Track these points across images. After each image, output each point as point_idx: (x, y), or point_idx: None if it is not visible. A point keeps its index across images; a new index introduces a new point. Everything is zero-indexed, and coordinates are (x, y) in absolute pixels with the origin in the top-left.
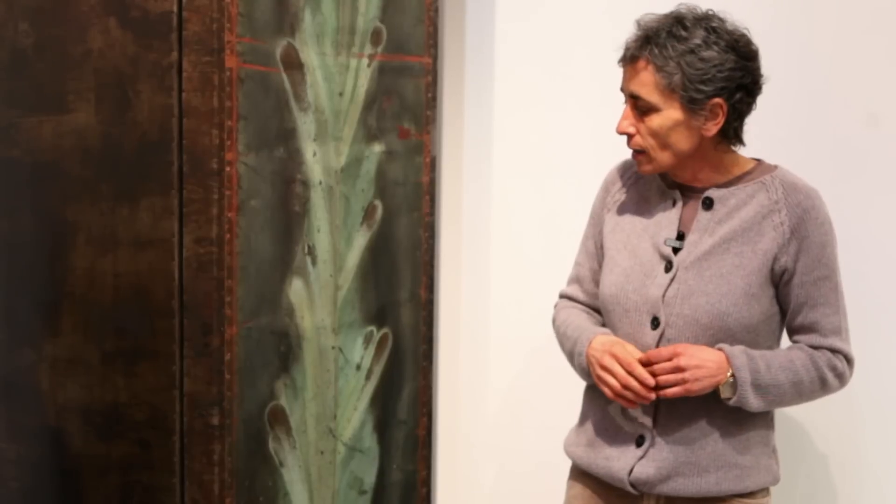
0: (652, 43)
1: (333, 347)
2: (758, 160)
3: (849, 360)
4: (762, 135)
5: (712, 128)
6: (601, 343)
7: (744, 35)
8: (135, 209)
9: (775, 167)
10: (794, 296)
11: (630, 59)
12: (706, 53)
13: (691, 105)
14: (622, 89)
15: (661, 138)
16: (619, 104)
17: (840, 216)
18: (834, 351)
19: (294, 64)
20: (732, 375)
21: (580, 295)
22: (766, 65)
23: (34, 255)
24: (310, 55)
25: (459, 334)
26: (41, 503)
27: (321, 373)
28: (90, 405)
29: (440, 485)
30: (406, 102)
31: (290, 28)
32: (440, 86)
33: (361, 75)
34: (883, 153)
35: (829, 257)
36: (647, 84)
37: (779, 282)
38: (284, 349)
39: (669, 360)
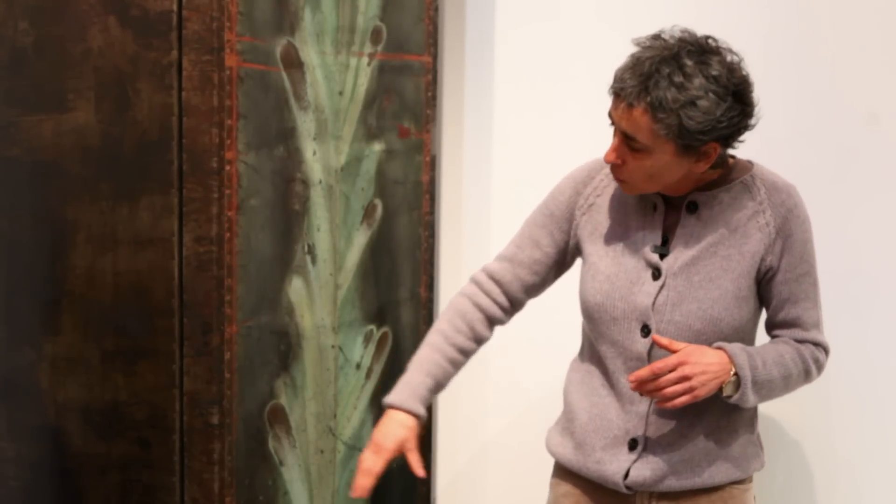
0: (650, 91)
1: (333, 346)
2: (732, 157)
3: (827, 352)
4: (763, 135)
5: (703, 166)
6: (388, 420)
7: (742, 76)
8: (135, 208)
9: (751, 165)
10: (776, 292)
11: (627, 105)
12: (705, 104)
13: (685, 150)
14: (611, 116)
15: (648, 173)
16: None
17: (840, 215)
18: (816, 344)
19: (294, 63)
20: (735, 374)
21: (506, 276)
22: (767, 65)
23: (34, 254)
24: (310, 54)
25: None
26: (41, 502)
27: (321, 372)
28: (90, 404)
29: (440, 484)
30: (406, 101)
31: (289, 27)
32: (440, 85)
33: (361, 74)
34: (883, 153)
35: (810, 253)
36: (643, 130)
37: (762, 279)
38: (284, 348)
39: (673, 370)
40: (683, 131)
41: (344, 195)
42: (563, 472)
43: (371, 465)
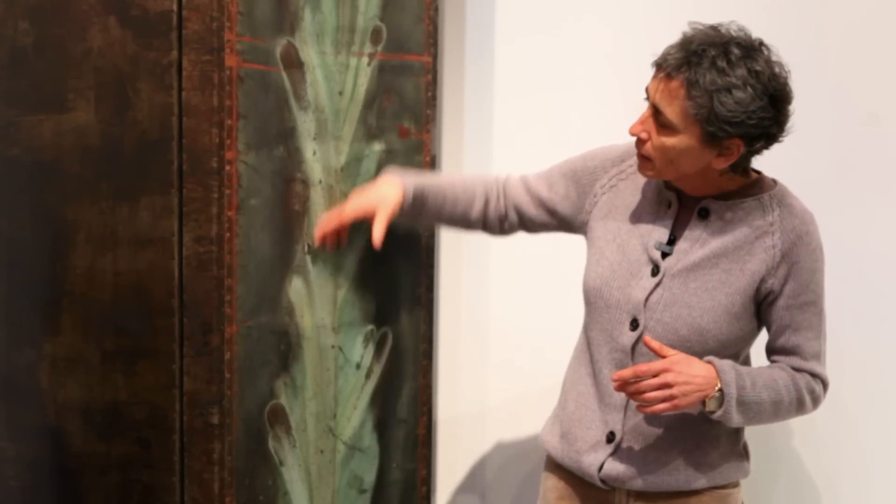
0: (692, 67)
1: (333, 346)
2: (758, 172)
3: (825, 385)
4: None
5: (722, 162)
6: (375, 184)
7: (785, 82)
8: (135, 208)
9: (775, 184)
10: (777, 318)
11: (666, 75)
12: (741, 95)
13: (710, 138)
14: (647, 90)
15: (668, 156)
16: (618, 104)
17: (839, 215)
18: (814, 375)
19: (294, 63)
20: (720, 390)
21: (514, 190)
22: None
23: (34, 254)
24: (310, 54)
25: (459, 333)
26: (41, 502)
27: (321, 372)
28: (90, 404)
29: (440, 484)
30: (406, 101)
31: (289, 27)
32: (440, 85)
33: (361, 74)
34: (883, 153)
35: (818, 283)
36: (675, 106)
37: (762, 301)
38: (284, 348)
39: (657, 375)
40: (712, 116)
41: (344, 195)
42: (552, 464)
43: (341, 211)
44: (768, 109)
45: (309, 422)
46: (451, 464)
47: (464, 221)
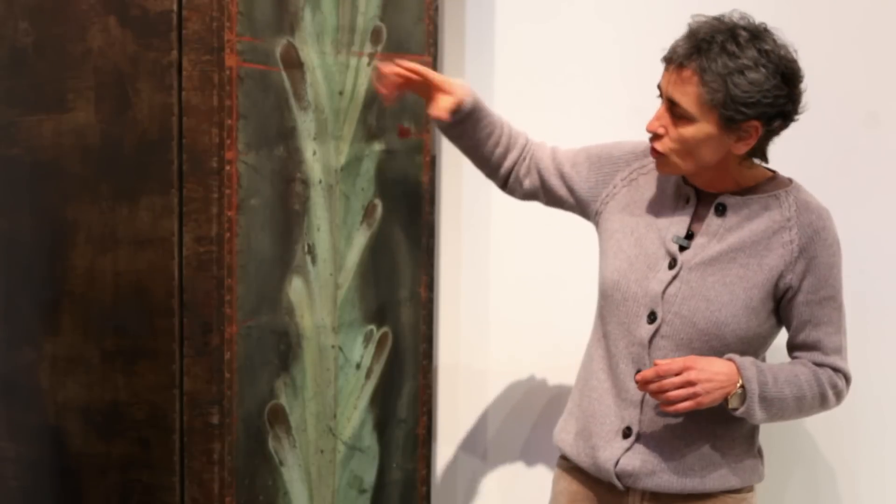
0: (703, 54)
1: (333, 346)
2: (773, 171)
3: (848, 380)
4: None
5: (742, 147)
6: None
7: (794, 60)
8: (135, 208)
9: (790, 182)
10: (797, 314)
11: (677, 66)
12: (754, 76)
13: (728, 123)
14: (660, 87)
15: (687, 147)
16: (619, 103)
17: (839, 215)
18: (835, 370)
19: (294, 63)
20: (742, 387)
21: (539, 153)
22: None
23: (34, 254)
24: (310, 54)
25: (459, 333)
26: (41, 502)
27: (321, 372)
28: (90, 404)
29: (440, 484)
30: (406, 101)
31: (289, 27)
32: None
33: (361, 74)
34: (883, 153)
35: (835, 278)
36: (690, 94)
37: (781, 298)
38: (284, 348)
39: (679, 374)
40: (727, 99)
41: (344, 195)
42: (565, 466)
43: (417, 67)
44: (782, 87)
45: (309, 422)
46: (451, 464)
47: (494, 163)
